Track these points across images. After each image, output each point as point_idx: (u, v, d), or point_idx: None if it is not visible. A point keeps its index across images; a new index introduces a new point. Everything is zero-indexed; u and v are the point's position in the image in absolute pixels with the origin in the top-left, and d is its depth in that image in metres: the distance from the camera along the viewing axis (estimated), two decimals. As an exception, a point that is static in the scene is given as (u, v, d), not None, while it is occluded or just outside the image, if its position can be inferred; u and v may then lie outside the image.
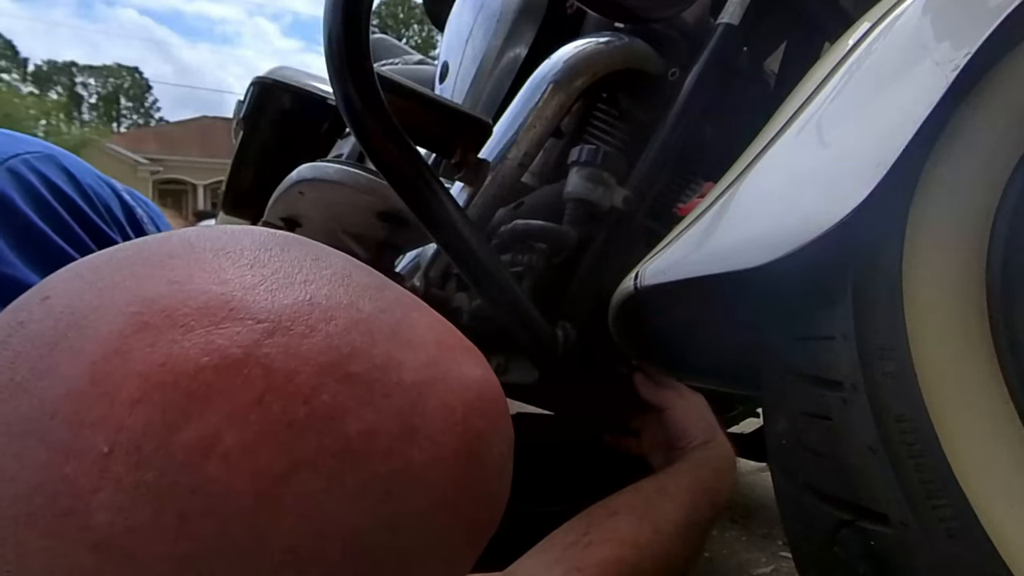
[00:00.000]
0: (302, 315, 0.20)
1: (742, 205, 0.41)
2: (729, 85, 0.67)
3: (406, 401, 0.21)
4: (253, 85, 1.22)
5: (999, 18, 0.34)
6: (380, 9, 27.19)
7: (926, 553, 0.31)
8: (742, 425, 1.03)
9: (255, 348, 0.19)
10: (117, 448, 0.17)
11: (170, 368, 0.18)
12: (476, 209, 0.64)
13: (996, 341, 0.35)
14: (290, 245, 0.23)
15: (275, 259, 0.22)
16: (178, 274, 0.21)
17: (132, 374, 0.18)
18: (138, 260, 0.21)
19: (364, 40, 0.47)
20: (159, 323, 0.19)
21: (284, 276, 0.21)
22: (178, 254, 0.22)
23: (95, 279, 0.21)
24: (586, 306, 0.64)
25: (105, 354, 0.19)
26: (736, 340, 0.51)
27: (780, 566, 0.80)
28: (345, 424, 0.19)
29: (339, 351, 0.20)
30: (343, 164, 0.68)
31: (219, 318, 0.19)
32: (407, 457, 0.20)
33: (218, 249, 0.22)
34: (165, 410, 0.18)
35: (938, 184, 0.36)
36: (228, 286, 0.20)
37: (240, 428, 0.18)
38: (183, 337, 0.19)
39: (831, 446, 0.34)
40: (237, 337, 0.19)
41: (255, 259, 0.22)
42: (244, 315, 0.20)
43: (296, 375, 0.19)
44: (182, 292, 0.20)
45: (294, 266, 0.22)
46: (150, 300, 0.20)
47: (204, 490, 0.18)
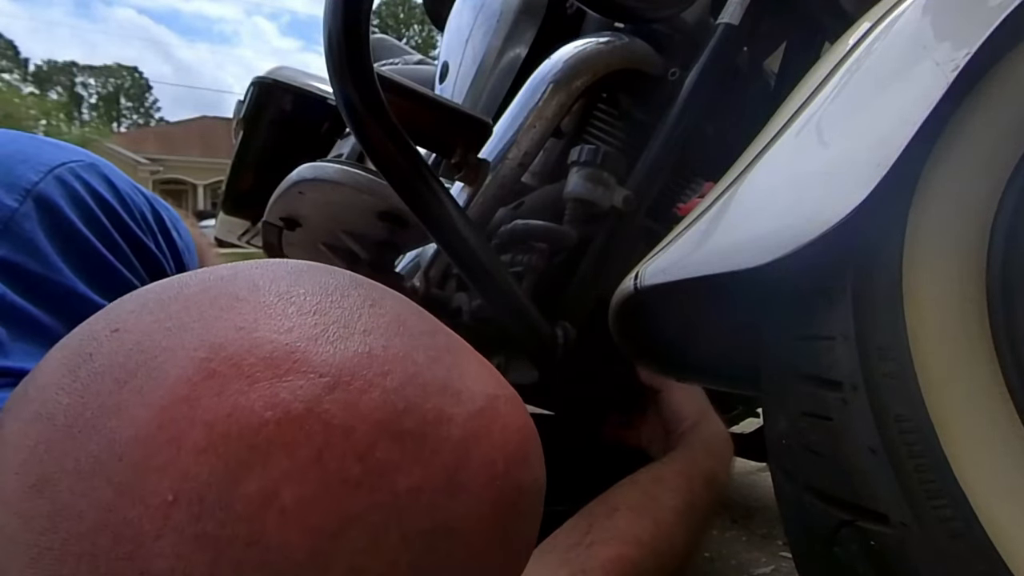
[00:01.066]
0: (361, 369, 0.21)
1: (742, 205, 0.41)
2: (729, 85, 0.67)
3: (453, 457, 0.21)
4: (253, 85, 1.22)
5: (999, 18, 0.34)
6: (380, 9, 27.19)
7: (926, 553, 0.31)
8: (742, 425, 1.03)
9: (316, 404, 0.19)
10: (181, 497, 0.18)
11: (235, 419, 0.19)
12: (476, 209, 0.64)
13: (996, 341, 0.35)
14: (348, 290, 0.24)
15: (336, 306, 0.23)
16: (245, 320, 0.21)
17: (199, 423, 0.19)
18: (205, 300, 0.22)
19: (364, 40, 0.47)
20: (226, 372, 0.19)
21: (344, 326, 0.22)
22: (244, 297, 0.22)
23: (164, 317, 0.21)
24: (586, 306, 0.64)
25: (173, 400, 0.19)
26: (736, 340, 0.51)
27: (780, 566, 0.80)
28: (395, 481, 0.20)
29: (394, 407, 0.21)
30: (343, 164, 0.68)
31: (283, 370, 0.20)
32: (449, 512, 0.21)
33: (282, 293, 0.22)
34: (229, 461, 0.18)
35: (938, 184, 0.36)
36: (292, 335, 0.21)
37: (299, 484, 0.18)
38: (249, 388, 0.19)
39: (831, 446, 0.34)
40: (300, 392, 0.19)
41: (318, 306, 0.22)
42: (307, 368, 0.20)
43: (353, 432, 0.20)
44: (248, 340, 0.20)
45: (354, 314, 0.22)
46: (218, 346, 0.20)
47: (261, 543, 0.18)
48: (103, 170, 0.50)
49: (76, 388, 0.20)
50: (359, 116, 0.49)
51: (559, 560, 0.48)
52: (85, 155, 0.51)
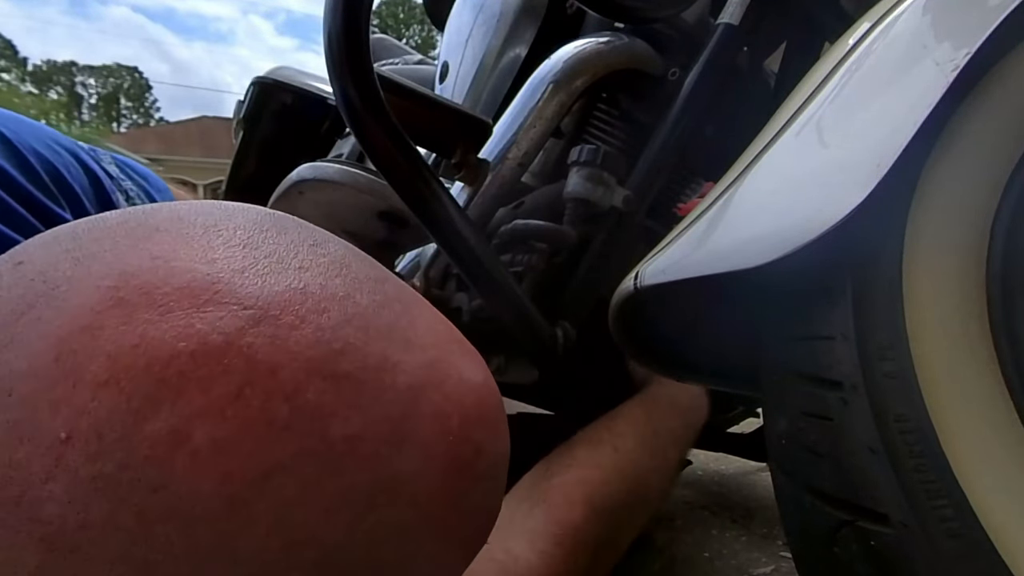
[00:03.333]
0: (293, 304, 0.19)
1: (742, 205, 0.41)
2: (729, 85, 0.67)
3: (398, 406, 0.19)
4: (253, 85, 1.22)
5: (999, 18, 0.34)
6: (380, 9, 27.18)
7: (926, 553, 0.31)
8: (742, 425, 1.03)
9: (238, 336, 0.17)
10: (76, 435, 0.16)
11: (143, 351, 0.17)
12: (476, 209, 0.64)
13: (996, 341, 0.35)
14: (288, 227, 0.22)
15: (270, 241, 0.21)
16: (162, 249, 0.19)
17: (100, 354, 0.17)
18: (121, 231, 0.20)
19: (364, 40, 0.47)
20: (135, 300, 0.17)
21: (277, 260, 0.20)
22: (165, 228, 0.20)
23: (73, 247, 0.19)
24: (586, 306, 0.64)
25: (73, 330, 0.17)
26: (736, 340, 0.51)
27: (780, 566, 0.80)
28: (329, 427, 0.18)
29: (329, 346, 0.18)
30: (343, 164, 0.68)
31: (201, 301, 0.18)
32: (393, 467, 0.19)
33: (209, 225, 0.20)
34: (132, 397, 0.16)
35: (938, 184, 0.36)
36: (215, 266, 0.19)
37: (214, 424, 0.16)
38: (160, 318, 0.17)
39: (831, 446, 0.34)
40: (219, 323, 0.17)
41: (248, 239, 0.20)
42: (229, 299, 0.18)
43: (280, 369, 0.17)
44: (164, 269, 0.18)
45: (289, 251, 0.21)
46: (129, 275, 0.18)
47: (168, 488, 0.16)
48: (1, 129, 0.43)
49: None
50: (359, 116, 0.49)
51: (521, 496, 0.47)
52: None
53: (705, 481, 1.18)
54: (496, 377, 0.73)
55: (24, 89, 31.03)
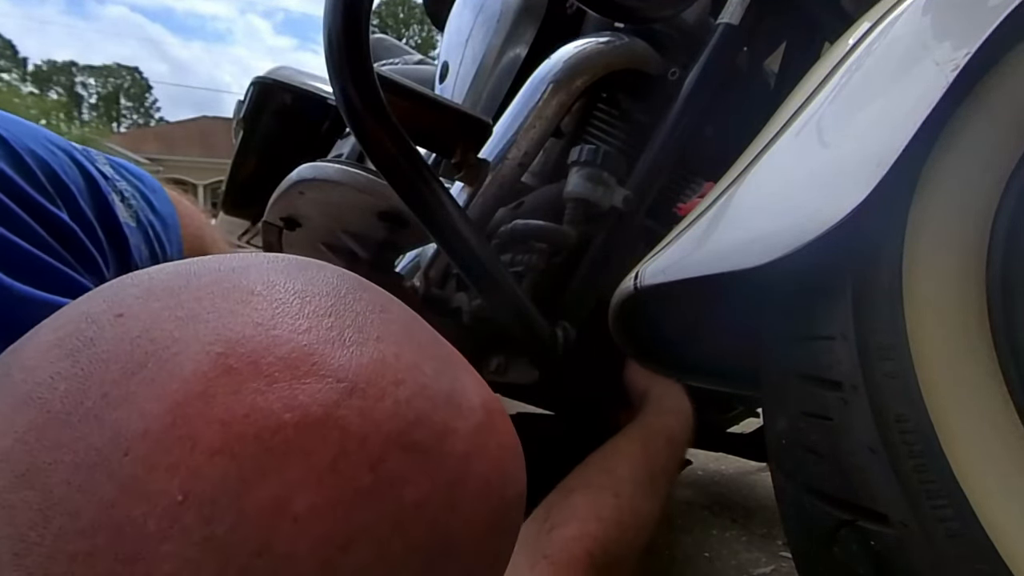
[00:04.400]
0: (376, 377, 0.20)
1: (742, 205, 0.41)
2: (729, 85, 0.67)
3: (455, 471, 0.21)
4: (253, 85, 1.22)
5: (999, 18, 0.34)
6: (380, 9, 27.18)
7: (926, 553, 0.31)
8: (742, 425, 1.03)
9: (334, 409, 0.19)
10: (191, 497, 0.17)
11: (253, 420, 0.18)
12: (476, 209, 0.64)
13: (996, 341, 0.35)
14: (359, 293, 0.23)
15: (349, 309, 0.22)
16: (262, 316, 0.20)
17: (215, 421, 0.18)
18: (218, 292, 0.21)
19: (364, 40, 0.47)
20: (243, 369, 0.19)
21: (358, 331, 0.21)
22: (260, 292, 0.21)
23: (174, 305, 0.20)
24: (586, 306, 0.64)
25: (188, 395, 0.18)
26: (736, 340, 0.51)
27: (780, 566, 0.80)
28: (403, 493, 0.19)
29: (406, 418, 0.20)
30: (343, 164, 0.68)
31: (302, 372, 0.19)
32: (448, 527, 0.20)
33: (299, 292, 0.22)
34: (244, 464, 0.17)
35: (938, 184, 0.36)
36: (310, 336, 0.20)
37: (313, 492, 0.18)
38: (267, 388, 0.18)
39: (831, 446, 0.34)
40: (319, 395, 0.19)
41: (333, 308, 0.22)
42: (325, 371, 0.19)
43: (367, 440, 0.19)
44: (267, 338, 0.19)
45: (367, 319, 0.22)
46: (235, 342, 0.19)
47: (271, 552, 0.17)
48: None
49: (76, 373, 0.18)
50: (359, 116, 0.49)
51: (520, 550, 0.47)
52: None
53: (705, 481, 1.18)
54: (496, 377, 0.73)
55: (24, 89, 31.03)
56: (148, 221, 0.55)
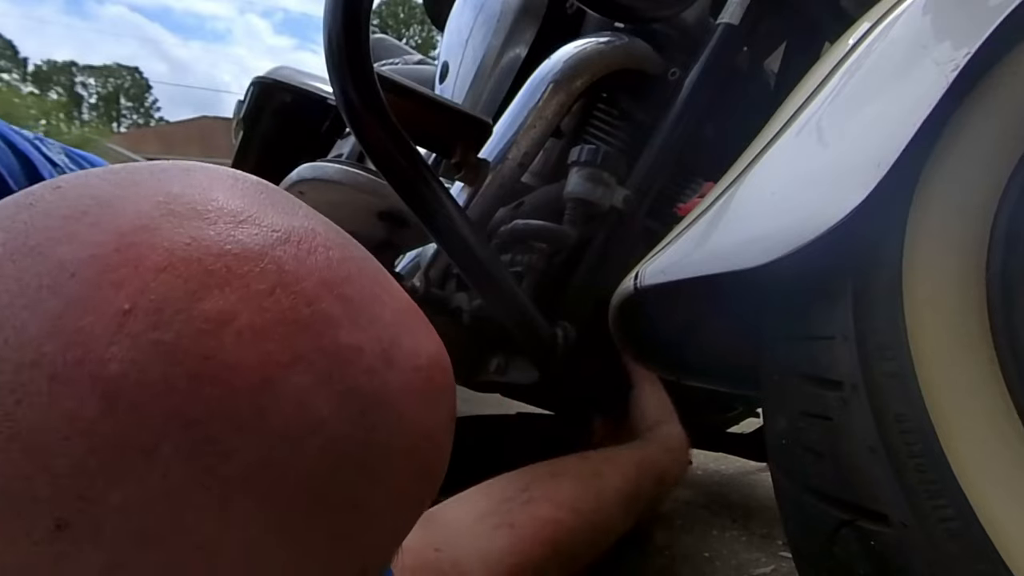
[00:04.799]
0: (308, 236, 0.22)
1: (742, 205, 0.41)
2: (729, 85, 0.67)
3: (387, 333, 0.22)
4: (253, 85, 1.22)
5: (999, 18, 0.34)
6: (380, 9, 27.18)
7: (926, 553, 0.31)
8: (742, 425, 1.03)
9: (271, 249, 0.20)
10: (138, 307, 0.18)
11: (195, 247, 0.19)
12: (476, 209, 0.64)
13: (996, 341, 0.35)
14: (282, 192, 0.25)
15: (278, 194, 0.24)
16: (199, 182, 0.22)
17: (159, 247, 0.19)
18: (156, 169, 0.22)
19: (364, 40, 0.47)
20: (184, 212, 0.20)
21: (289, 206, 0.23)
22: (195, 171, 0.23)
23: (112, 178, 0.21)
24: (586, 306, 0.64)
25: (133, 227, 0.19)
26: (736, 340, 0.51)
27: (780, 566, 0.80)
28: (339, 334, 0.20)
29: (337, 273, 0.22)
30: (343, 164, 0.68)
31: (239, 220, 0.21)
32: (385, 381, 0.21)
33: (231, 174, 0.24)
34: (188, 281, 0.18)
35: (938, 184, 0.36)
36: (246, 201, 0.22)
37: (254, 311, 0.19)
38: (208, 226, 0.20)
39: (831, 446, 0.34)
40: (255, 237, 0.20)
41: (264, 189, 0.24)
42: (261, 222, 0.21)
43: (303, 280, 0.20)
44: (204, 195, 0.21)
45: (295, 203, 0.24)
46: (175, 195, 0.21)
47: (217, 358, 0.18)
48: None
49: (16, 227, 0.19)
50: (359, 116, 0.49)
51: (488, 509, 0.47)
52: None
53: (705, 481, 1.17)
54: (496, 377, 0.73)
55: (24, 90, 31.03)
56: None
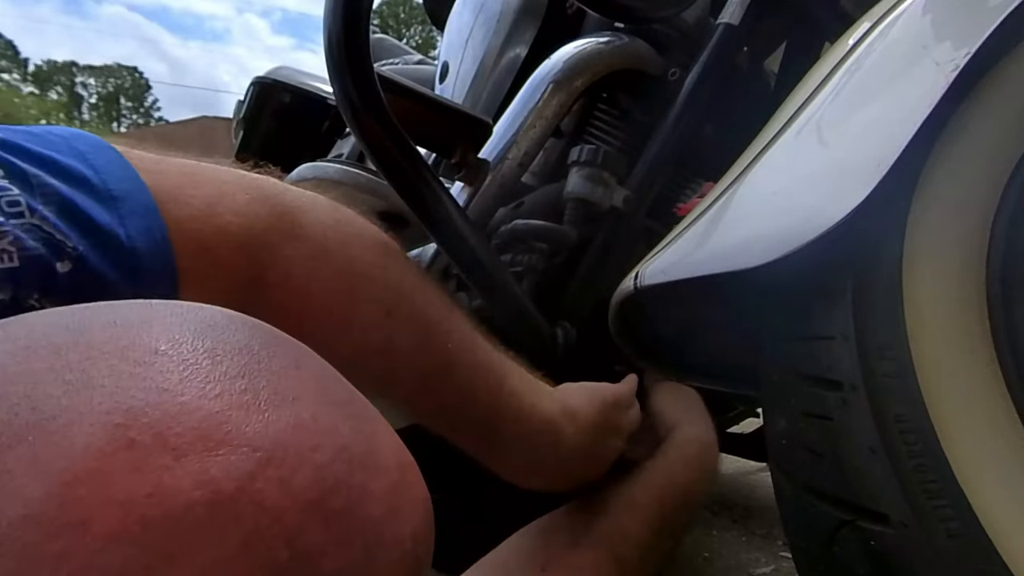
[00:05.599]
0: (293, 444, 0.19)
1: (742, 205, 0.41)
2: (729, 85, 0.68)
3: (372, 535, 0.20)
4: (253, 85, 1.22)
5: (999, 18, 0.34)
6: (381, 9, 27.19)
7: (926, 553, 0.31)
8: (742, 425, 1.03)
9: (250, 482, 0.17)
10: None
11: (158, 500, 0.16)
12: (476, 209, 0.64)
13: (996, 341, 0.35)
14: (272, 348, 0.22)
15: (264, 368, 0.21)
16: (168, 380, 0.18)
17: (112, 503, 0.15)
18: (115, 351, 0.18)
19: (364, 40, 0.47)
20: (147, 442, 0.17)
21: (274, 392, 0.20)
22: (164, 351, 0.19)
23: (61, 367, 0.18)
24: (586, 306, 0.64)
25: (79, 474, 0.16)
26: (736, 340, 0.51)
27: (780, 566, 0.80)
28: (320, 565, 0.18)
29: (323, 485, 0.19)
30: (343, 164, 0.68)
31: (214, 443, 0.17)
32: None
33: (208, 350, 0.20)
34: (147, 552, 0.15)
35: (938, 184, 0.36)
36: (222, 401, 0.18)
37: (226, 573, 0.16)
38: (174, 464, 0.17)
39: (831, 446, 0.34)
40: (232, 468, 0.17)
41: (245, 367, 0.20)
42: (240, 441, 0.18)
43: (284, 514, 0.18)
44: (174, 405, 0.18)
45: (282, 378, 0.21)
46: (137, 411, 0.17)
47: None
48: None
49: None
50: (359, 116, 0.49)
51: None
52: None
53: (705, 481, 1.17)
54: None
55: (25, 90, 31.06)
56: (66, 205, 0.34)
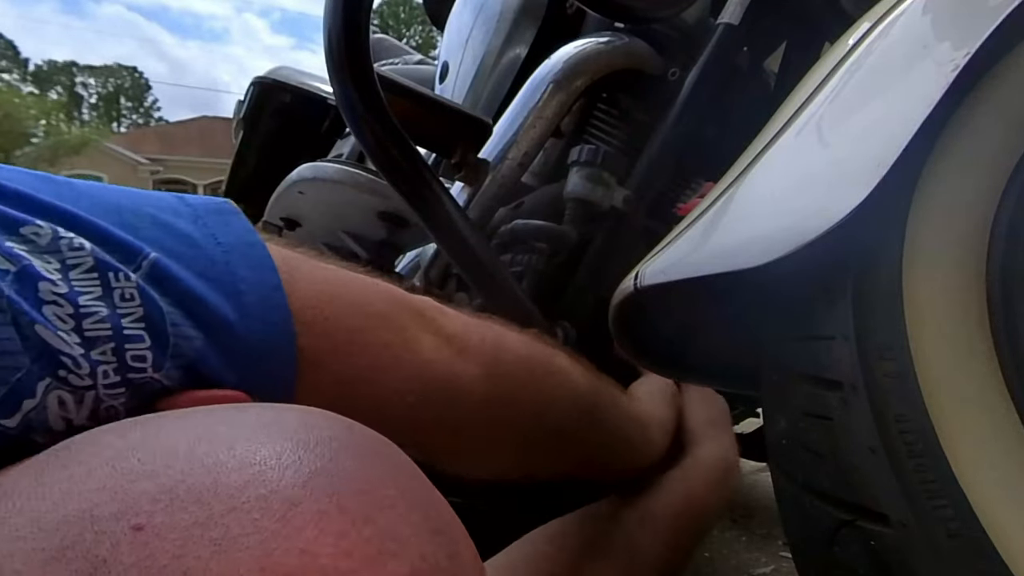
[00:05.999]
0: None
1: (742, 205, 0.41)
2: (729, 85, 0.68)
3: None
4: (253, 85, 1.22)
5: (999, 18, 0.34)
6: (381, 9, 27.20)
7: (926, 553, 0.31)
8: (742, 425, 1.03)
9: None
10: None
11: None
12: (476, 209, 0.64)
13: (996, 341, 0.35)
14: (386, 479, 0.23)
15: (385, 510, 0.21)
16: (306, 540, 0.19)
17: None
18: (254, 501, 0.19)
19: (364, 40, 0.47)
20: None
21: (392, 538, 0.21)
22: (300, 501, 0.20)
23: (206, 520, 0.18)
24: (586, 306, 0.64)
25: None
26: (736, 340, 0.51)
27: (780, 566, 0.80)
28: None
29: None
30: (343, 164, 0.68)
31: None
32: None
33: (335, 495, 0.21)
34: None
35: (938, 184, 0.36)
36: (354, 559, 0.19)
37: None
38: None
39: (831, 446, 0.34)
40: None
41: (368, 514, 0.21)
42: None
43: None
44: (315, 570, 0.18)
45: (396, 519, 0.22)
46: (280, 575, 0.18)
47: None
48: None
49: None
50: (359, 116, 0.49)
51: None
52: None
53: (705, 481, 1.17)
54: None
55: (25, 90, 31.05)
56: (188, 307, 0.31)
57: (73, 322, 0.25)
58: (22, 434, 0.23)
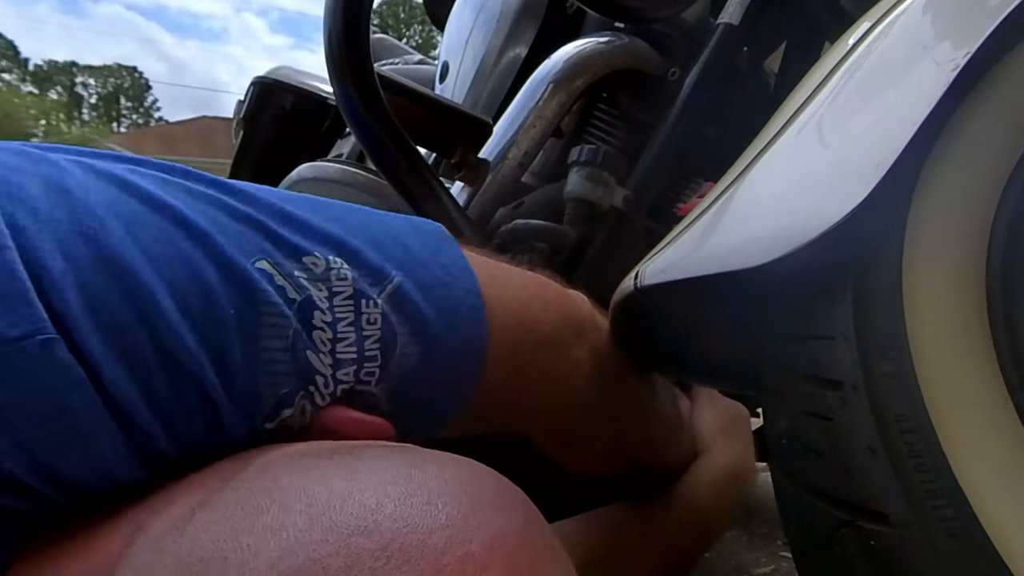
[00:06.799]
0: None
1: (742, 205, 0.41)
2: (729, 85, 0.68)
3: None
4: (253, 85, 1.22)
5: (999, 18, 0.34)
6: (381, 9, 27.20)
7: (926, 553, 0.31)
8: (742, 425, 1.02)
9: None
10: None
11: None
12: (476, 209, 0.64)
13: (996, 341, 0.35)
14: (537, 537, 0.24)
15: (543, 569, 0.23)
16: None
17: None
18: (456, 564, 0.20)
19: (364, 40, 0.47)
20: None
21: None
22: (489, 566, 0.21)
23: None
24: (586, 306, 0.64)
25: None
26: (736, 340, 0.51)
27: (780, 566, 0.80)
28: None
29: None
30: (343, 164, 0.68)
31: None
32: None
33: (521, 570, 0.22)
34: None
35: (938, 184, 0.36)
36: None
37: None
38: None
39: (831, 446, 0.34)
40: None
41: (535, 573, 0.22)
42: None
43: None
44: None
45: None
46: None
47: None
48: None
49: None
50: (359, 116, 0.49)
51: None
52: None
53: (705, 481, 1.17)
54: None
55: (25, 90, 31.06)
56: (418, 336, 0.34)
57: (331, 345, 0.29)
58: (273, 431, 0.28)
